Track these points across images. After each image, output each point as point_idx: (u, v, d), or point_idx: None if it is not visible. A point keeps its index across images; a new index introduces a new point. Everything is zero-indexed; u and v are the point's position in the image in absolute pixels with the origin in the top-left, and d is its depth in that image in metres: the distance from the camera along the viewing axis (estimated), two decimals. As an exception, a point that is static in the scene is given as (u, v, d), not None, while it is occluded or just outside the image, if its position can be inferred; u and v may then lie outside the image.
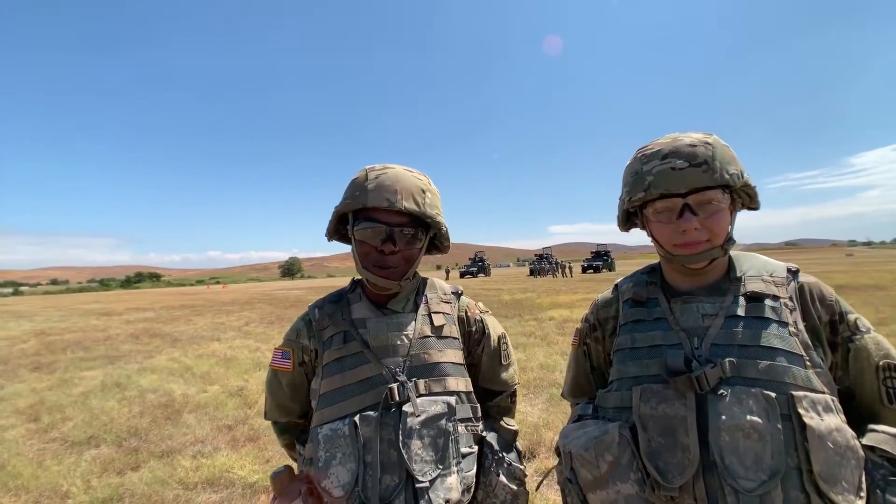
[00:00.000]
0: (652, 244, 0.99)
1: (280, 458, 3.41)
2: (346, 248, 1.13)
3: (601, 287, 18.21)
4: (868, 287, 12.85)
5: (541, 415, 3.97)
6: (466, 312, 1.15)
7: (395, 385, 0.96)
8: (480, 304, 1.21)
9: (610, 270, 40.86)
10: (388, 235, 1.00)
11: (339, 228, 1.11)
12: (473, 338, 1.14)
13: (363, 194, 0.99)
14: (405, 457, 0.91)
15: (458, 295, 1.18)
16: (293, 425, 1.18)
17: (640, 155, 0.94)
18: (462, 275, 45.48)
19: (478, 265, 47.01)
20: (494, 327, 1.18)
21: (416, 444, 0.92)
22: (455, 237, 1.20)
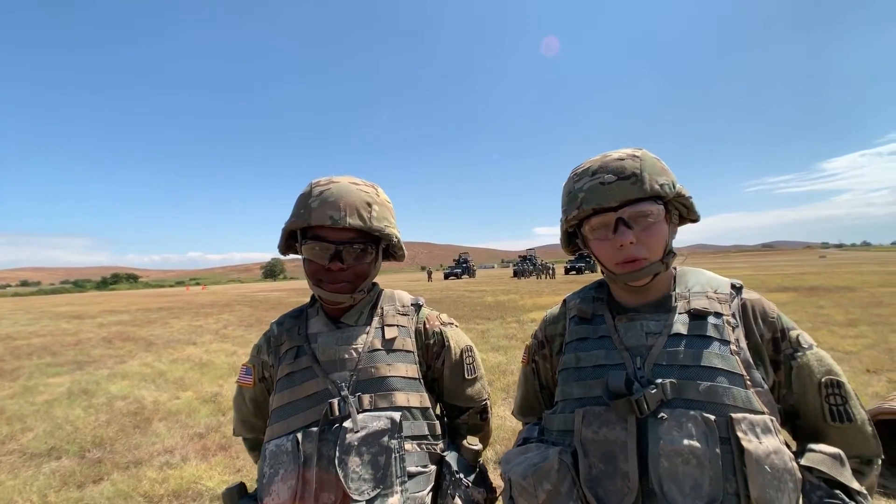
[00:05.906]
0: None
1: (252, 468, 3.31)
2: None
3: (584, 289, 18.52)
4: (839, 288, 13.26)
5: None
6: (425, 324, 1.12)
7: (335, 400, 0.94)
8: (444, 315, 1.18)
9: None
10: (335, 253, 0.99)
11: (290, 244, 1.10)
12: (432, 351, 1.11)
13: (307, 212, 0.99)
14: (341, 475, 0.87)
15: (417, 307, 1.15)
16: (261, 442, 1.16)
17: (572, 174, 0.95)
18: (446, 276, 45.40)
19: (462, 266, 46.89)
20: (457, 339, 1.15)
21: (353, 461, 0.89)
22: (439, 238, 1.16)
